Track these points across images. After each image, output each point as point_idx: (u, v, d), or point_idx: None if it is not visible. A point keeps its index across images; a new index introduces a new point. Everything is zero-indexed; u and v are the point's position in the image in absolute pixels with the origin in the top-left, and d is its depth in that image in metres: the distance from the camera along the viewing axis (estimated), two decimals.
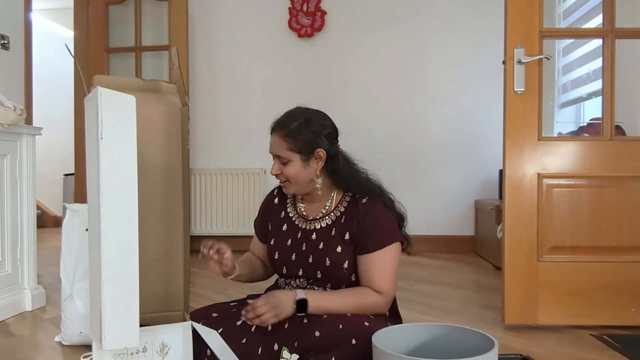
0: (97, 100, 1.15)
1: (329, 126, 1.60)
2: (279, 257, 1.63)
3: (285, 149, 1.53)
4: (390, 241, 1.54)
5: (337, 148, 1.60)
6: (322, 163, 1.56)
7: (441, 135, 4.05)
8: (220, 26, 4.19)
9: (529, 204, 2.12)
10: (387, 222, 1.56)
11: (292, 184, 1.57)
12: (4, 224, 2.34)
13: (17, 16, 3.03)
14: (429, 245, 4.02)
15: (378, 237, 1.53)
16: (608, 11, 2.16)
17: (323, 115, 1.62)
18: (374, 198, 1.59)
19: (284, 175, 1.55)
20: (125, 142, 1.18)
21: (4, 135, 2.32)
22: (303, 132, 1.53)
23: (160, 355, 1.29)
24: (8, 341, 2.03)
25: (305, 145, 1.53)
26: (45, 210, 5.83)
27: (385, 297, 1.52)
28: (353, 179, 1.60)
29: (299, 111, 1.60)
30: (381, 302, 1.52)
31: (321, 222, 1.61)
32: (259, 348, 1.43)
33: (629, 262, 2.11)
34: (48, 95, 5.24)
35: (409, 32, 4.06)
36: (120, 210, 1.18)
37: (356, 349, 1.41)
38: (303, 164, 1.54)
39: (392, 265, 1.54)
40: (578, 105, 3.76)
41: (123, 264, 1.19)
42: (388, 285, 1.52)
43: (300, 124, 1.54)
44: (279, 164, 1.55)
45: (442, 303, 2.57)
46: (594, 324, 2.12)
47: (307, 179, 1.56)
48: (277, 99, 4.14)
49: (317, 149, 1.54)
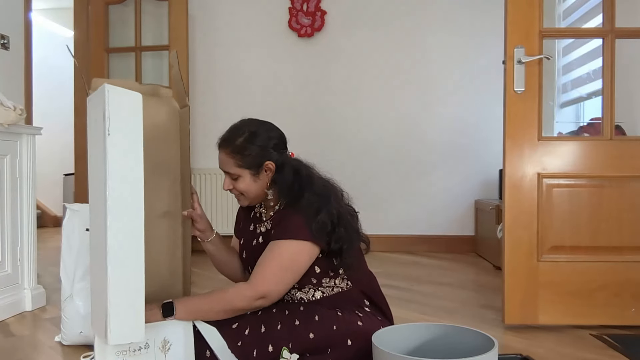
0: (105, 97, 1.16)
1: (276, 137, 1.59)
2: (245, 257, 1.67)
3: (233, 166, 1.53)
4: (285, 236, 1.48)
5: (285, 157, 1.59)
6: (271, 174, 1.56)
7: (441, 135, 4.05)
8: (220, 26, 4.19)
9: (529, 204, 2.12)
10: (292, 220, 1.50)
11: (245, 198, 1.58)
12: (4, 224, 2.34)
13: (17, 16, 3.02)
14: (429, 245, 4.02)
15: (277, 231, 1.51)
16: (608, 11, 2.16)
17: (269, 126, 1.61)
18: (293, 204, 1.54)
19: (236, 189, 1.56)
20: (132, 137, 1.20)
21: (4, 135, 2.32)
22: (249, 147, 1.53)
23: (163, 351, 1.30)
24: (8, 341, 2.03)
25: (252, 160, 1.53)
26: (45, 210, 5.83)
27: (252, 287, 1.45)
28: (287, 189, 1.55)
29: (243, 125, 1.59)
30: (246, 292, 1.45)
31: (266, 225, 1.63)
32: (254, 350, 1.43)
33: (629, 262, 2.11)
34: (48, 95, 5.24)
35: (409, 32, 4.06)
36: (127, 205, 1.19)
37: (353, 350, 1.42)
38: (253, 178, 1.54)
39: (277, 261, 1.47)
40: (578, 105, 3.76)
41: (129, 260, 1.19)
42: (262, 276, 1.46)
43: (245, 138, 1.54)
44: (229, 180, 1.56)
45: (442, 303, 2.57)
46: (594, 324, 2.11)
47: (259, 191, 1.57)
48: (277, 99, 4.14)
49: (265, 161, 1.54)
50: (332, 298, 1.57)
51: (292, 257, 1.47)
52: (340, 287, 1.58)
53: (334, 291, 1.58)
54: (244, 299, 1.45)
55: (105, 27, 4.07)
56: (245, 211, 1.75)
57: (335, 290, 1.58)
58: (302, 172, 1.57)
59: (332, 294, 1.58)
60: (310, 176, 1.58)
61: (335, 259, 1.53)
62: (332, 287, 1.58)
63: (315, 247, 1.49)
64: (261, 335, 1.45)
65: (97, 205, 1.24)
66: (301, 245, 1.47)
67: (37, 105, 3.58)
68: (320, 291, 1.57)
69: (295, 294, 1.57)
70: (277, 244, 1.48)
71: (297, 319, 1.47)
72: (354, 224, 1.59)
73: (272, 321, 1.47)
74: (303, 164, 1.61)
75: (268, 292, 1.46)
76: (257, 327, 1.47)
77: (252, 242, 1.65)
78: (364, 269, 1.67)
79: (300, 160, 1.62)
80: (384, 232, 3.96)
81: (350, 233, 1.54)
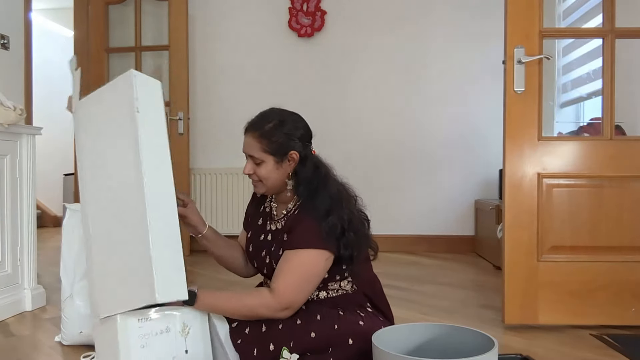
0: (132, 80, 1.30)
1: (303, 128, 1.59)
2: (251, 251, 1.67)
3: (258, 150, 1.53)
4: (303, 245, 1.48)
5: (309, 151, 1.59)
6: (294, 165, 1.56)
7: (441, 135, 4.05)
8: (220, 26, 4.19)
9: (529, 204, 2.12)
10: (307, 227, 1.49)
11: (263, 185, 1.58)
12: (4, 224, 2.34)
13: (17, 16, 3.02)
14: (429, 245, 4.02)
15: (293, 237, 1.50)
16: (608, 11, 2.16)
17: (297, 117, 1.62)
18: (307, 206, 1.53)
19: (257, 175, 1.56)
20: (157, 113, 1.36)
21: (4, 135, 2.32)
22: (277, 134, 1.53)
23: (182, 334, 1.34)
24: (8, 341, 2.03)
25: (278, 147, 1.53)
26: (45, 210, 5.83)
27: (277, 299, 1.45)
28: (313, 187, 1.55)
29: (273, 112, 1.60)
30: (271, 303, 1.45)
31: (277, 224, 1.63)
32: (255, 349, 1.43)
33: (629, 262, 2.11)
34: (48, 95, 5.24)
35: (409, 32, 4.06)
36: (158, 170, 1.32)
37: (354, 349, 1.42)
38: (276, 165, 1.54)
39: (299, 271, 1.47)
40: (578, 105, 3.76)
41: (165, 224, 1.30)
42: (285, 287, 1.45)
43: (274, 125, 1.55)
44: (251, 164, 1.56)
45: (442, 303, 2.57)
46: (594, 323, 2.12)
47: (278, 180, 1.57)
48: (277, 99, 4.10)
49: (290, 151, 1.54)
50: (336, 299, 1.57)
51: (312, 267, 1.48)
52: (345, 289, 1.59)
53: (338, 293, 1.59)
54: (268, 310, 1.46)
55: (105, 27, 4.07)
56: (255, 205, 1.75)
57: (339, 292, 1.59)
58: (322, 170, 1.58)
59: (335, 295, 1.58)
60: (327, 176, 1.58)
61: (344, 265, 1.53)
62: (337, 289, 1.58)
63: (331, 254, 1.49)
64: (262, 335, 1.45)
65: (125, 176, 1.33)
66: (319, 255, 1.48)
67: (37, 105, 3.58)
68: (325, 292, 1.57)
69: None
70: (297, 254, 1.48)
71: (298, 319, 1.47)
72: (365, 231, 1.58)
73: (273, 321, 1.47)
74: (323, 163, 1.62)
75: (292, 303, 1.47)
76: (257, 326, 1.47)
77: (260, 237, 1.65)
78: (369, 273, 1.68)
79: (321, 159, 1.63)
80: (384, 232, 3.96)
81: (359, 238, 1.53)
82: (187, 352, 1.34)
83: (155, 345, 1.29)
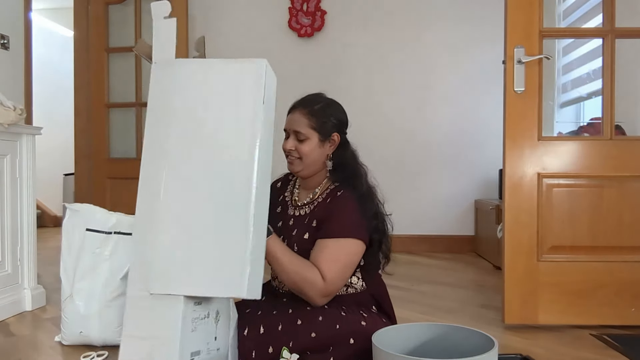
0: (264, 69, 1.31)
1: (344, 115, 1.67)
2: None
3: (306, 126, 1.58)
4: (347, 234, 1.50)
5: (346, 139, 1.67)
6: (333, 148, 1.62)
7: (441, 135, 4.05)
8: (220, 26, 4.19)
9: (529, 204, 2.12)
10: (351, 215, 1.53)
11: (302, 162, 1.60)
12: (4, 224, 2.34)
13: (17, 16, 3.02)
14: (429, 245, 4.02)
15: (337, 226, 1.51)
16: (608, 11, 2.16)
17: (340, 105, 1.70)
18: (352, 193, 1.57)
19: (298, 151, 1.59)
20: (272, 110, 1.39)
21: (4, 135, 2.31)
22: (325, 114, 1.60)
23: (215, 321, 1.36)
24: (8, 341, 2.03)
25: (324, 127, 1.59)
26: (45, 210, 5.82)
27: (327, 286, 1.47)
28: (349, 172, 1.62)
29: (320, 96, 1.68)
30: (320, 285, 1.46)
31: (300, 210, 1.64)
32: (253, 351, 1.43)
33: (629, 262, 2.11)
34: (48, 95, 5.24)
35: (409, 32, 4.06)
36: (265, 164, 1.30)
37: (355, 348, 1.42)
38: (319, 144, 1.59)
39: (344, 260, 1.50)
40: (578, 105, 3.76)
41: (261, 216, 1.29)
42: (333, 274, 1.47)
43: (322, 106, 1.62)
44: (294, 141, 1.59)
45: (442, 303, 2.57)
46: (594, 323, 2.11)
47: (317, 160, 1.61)
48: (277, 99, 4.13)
49: (333, 132, 1.61)
50: (344, 298, 1.58)
51: (354, 258, 1.53)
52: (355, 286, 1.60)
53: (348, 291, 1.60)
54: (313, 292, 1.47)
55: (105, 27, 4.07)
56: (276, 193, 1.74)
57: (349, 290, 1.60)
58: (357, 159, 1.66)
59: (345, 293, 1.59)
60: (361, 166, 1.66)
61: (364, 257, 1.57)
62: (348, 285, 1.59)
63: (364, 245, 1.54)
64: (260, 336, 1.45)
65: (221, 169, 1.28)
66: (361, 246, 1.53)
67: (37, 105, 3.58)
68: None
69: None
70: (343, 244, 1.50)
71: (299, 319, 1.47)
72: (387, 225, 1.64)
73: (272, 321, 1.47)
74: (357, 153, 1.69)
75: (333, 293, 1.52)
76: (256, 327, 1.47)
77: (278, 224, 1.66)
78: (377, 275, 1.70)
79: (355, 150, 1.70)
80: None
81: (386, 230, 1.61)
82: (215, 339, 1.36)
83: (199, 330, 1.30)
